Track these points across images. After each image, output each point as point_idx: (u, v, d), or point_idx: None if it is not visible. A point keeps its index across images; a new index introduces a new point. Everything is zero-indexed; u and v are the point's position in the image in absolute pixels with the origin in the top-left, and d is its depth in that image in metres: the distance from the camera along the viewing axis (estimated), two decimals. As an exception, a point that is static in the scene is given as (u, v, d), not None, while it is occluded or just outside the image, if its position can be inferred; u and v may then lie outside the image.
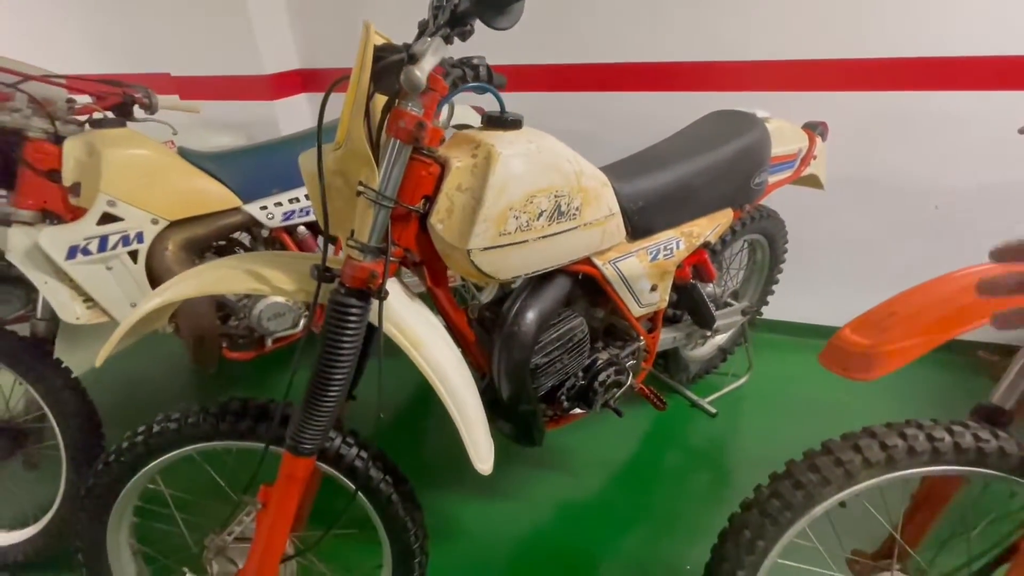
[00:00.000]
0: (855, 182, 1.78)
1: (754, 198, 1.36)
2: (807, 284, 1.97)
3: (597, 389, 1.18)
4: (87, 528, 0.97)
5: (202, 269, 0.88)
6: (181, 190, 1.35)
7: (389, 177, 0.76)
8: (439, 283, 0.97)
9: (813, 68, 1.67)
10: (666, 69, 1.79)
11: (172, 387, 1.96)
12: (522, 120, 0.90)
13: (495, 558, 1.30)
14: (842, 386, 1.77)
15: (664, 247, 1.18)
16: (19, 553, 1.30)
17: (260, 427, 0.91)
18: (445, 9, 0.68)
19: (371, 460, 0.93)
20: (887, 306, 0.76)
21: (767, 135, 1.32)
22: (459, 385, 0.89)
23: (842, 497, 0.79)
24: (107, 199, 1.24)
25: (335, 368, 0.79)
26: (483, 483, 1.49)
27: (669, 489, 1.45)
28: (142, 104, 1.39)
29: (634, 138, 1.91)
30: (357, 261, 0.77)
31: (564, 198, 0.93)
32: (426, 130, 0.74)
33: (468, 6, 0.65)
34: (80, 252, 1.22)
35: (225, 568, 0.95)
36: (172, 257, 1.35)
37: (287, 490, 0.86)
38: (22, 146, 1.20)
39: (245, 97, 2.09)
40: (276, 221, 1.50)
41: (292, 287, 0.82)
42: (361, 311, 0.79)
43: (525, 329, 1.01)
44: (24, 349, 1.23)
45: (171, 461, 0.94)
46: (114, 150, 1.24)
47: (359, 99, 0.72)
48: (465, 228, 0.84)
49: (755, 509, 0.81)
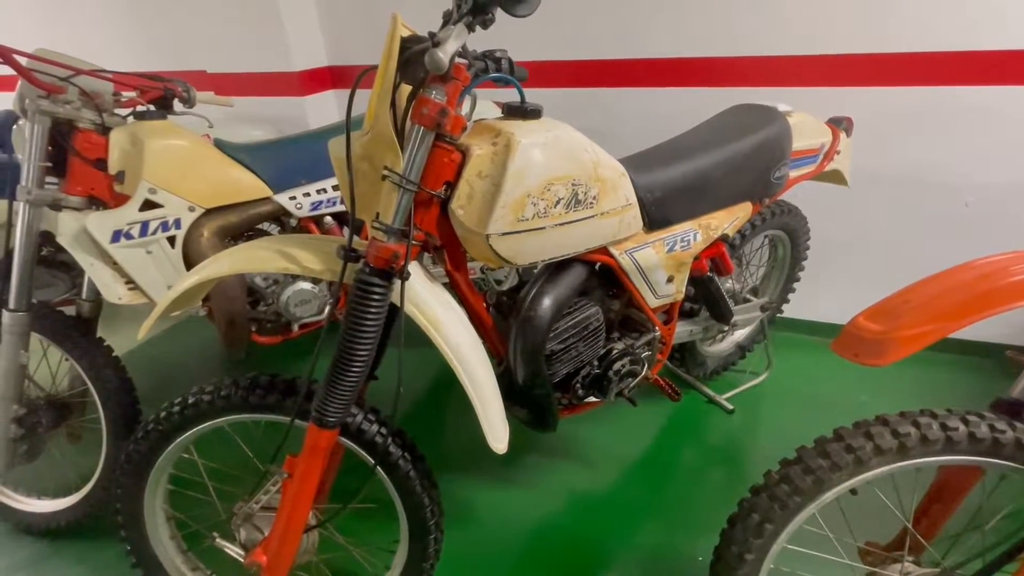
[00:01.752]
0: (882, 179, 1.75)
1: (774, 192, 1.35)
2: (830, 282, 1.95)
3: (612, 378, 1.20)
4: (126, 492, 1.03)
5: (235, 250, 0.93)
6: (216, 179, 1.41)
7: (413, 162, 0.80)
8: (459, 268, 1.00)
9: (840, 63, 1.65)
10: (687, 65, 1.79)
11: (202, 370, 2.04)
12: (541, 110, 0.93)
13: (507, 543, 1.32)
14: (864, 387, 1.74)
15: (681, 239, 1.19)
16: (62, 519, 1.39)
17: (287, 401, 0.95)
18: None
19: (390, 437, 0.97)
20: (902, 294, 0.76)
21: (788, 129, 1.32)
22: (476, 365, 0.92)
23: (852, 484, 0.79)
24: (148, 187, 1.31)
25: (359, 344, 0.83)
26: (497, 470, 1.52)
27: (683, 482, 1.46)
28: (181, 98, 1.47)
29: (654, 134, 1.91)
30: (381, 242, 0.81)
31: (581, 187, 0.95)
32: (448, 117, 0.78)
33: None
34: (123, 236, 1.30)
35: (252, 535, 1.00)
36: (206, 243, 1.42)
37: (311, 460, 0.90)
38: (72, 136, 1.28)
39: (276, 93, 2.17)
40: (304, 211, 1.56)
41: (320, 267, 0.86)
42: (384, 290, 0.83)
43: (541, 314, 1.03)
44: (71, 328, 1.31)
45: (204, 432, 1.00)
46: (156, 140, 1.31)
47: (386, 86, 0.76)
48: (484, 214, 0.87)
49: (764, 493, 0.82)
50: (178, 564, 1.12)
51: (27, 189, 1.22)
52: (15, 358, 1.27)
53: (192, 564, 1.14)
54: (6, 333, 1.25)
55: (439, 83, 0.78)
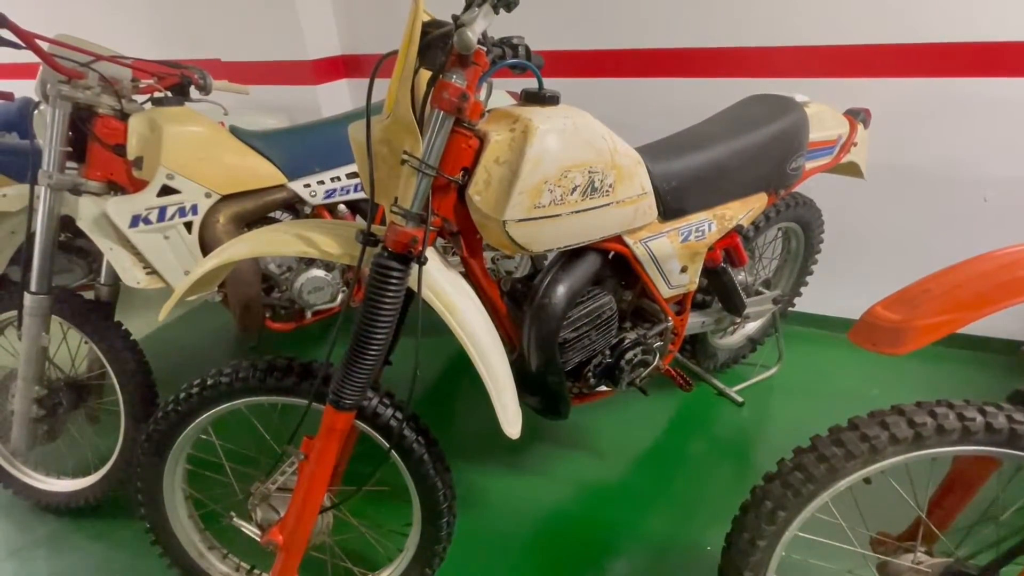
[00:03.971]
0: (899, 171, 1.73)
1: (789, 183, 1.34)
2: (844, 276, 1.93)
3: (623, 367, 1.20)
4: (146, 471, 1.05)
5: (254, 233, 0.94)
6: (233, 166, 1.43)
7: (432, 146, 0.80)
8: (474, 254, 1.01)
9: (859, 53, 1.63)
10: (703, 55, 1.77)
11: (216, 355, 2.07)
12: (559, 97, 0.92)
13: (517, 528, 1.34)
14: (876, 382, 1.73)
15: (696, 229, 1.19)
16: (81, 498, 1.42)
17: (303, 384, 0.97)
18: None
19: (405, 420, 0.98)
20: (922, 284, 0.76)
21: (805, 119, 1.31)
22: (490, 349, 0.93)
23: (867, 473, 0.79)
24: (167, 172, 1.33)
25: (376, 327, 0.84)
26: (507, 456, 1.54)
27: (692, 473, 1.46)
28: (197, 85, 1.48)
29: (669, 124, 1.90)
30: (400, 226, 0.82)
31: (598, 174, 0.95)
32: (468, 102, 0.78)
33: None
34: (142, 221, 1.31)
35: (268, 515, 1.02)
36: (222, 229, 1.43)
37: (328, 442, 0.91)
38: (92, 122, 1.29)
39: (290, 82, 2.17)
40: (318, 198, 1.57)
41: (338, 251, 0.87)
42: (402, 274, 0.84)
43: (555, 302, 1.04)
44: (90, 311, 1.34)
45: (222, 413, 1.02)
46: (174, 127, 1.32)
47: (407, 71, 0.76)
48: (501, 200, 0.88)
49: (777, 480, 0.83)
50: (196, 542, 1.14)
51: (48, 174, 1.24)
52: (36, 340, 1.29)
53: (209, 543, 1.17)
54: (28, 316, 1.27)
55: (459, 68, 0.78)
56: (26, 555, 1.36)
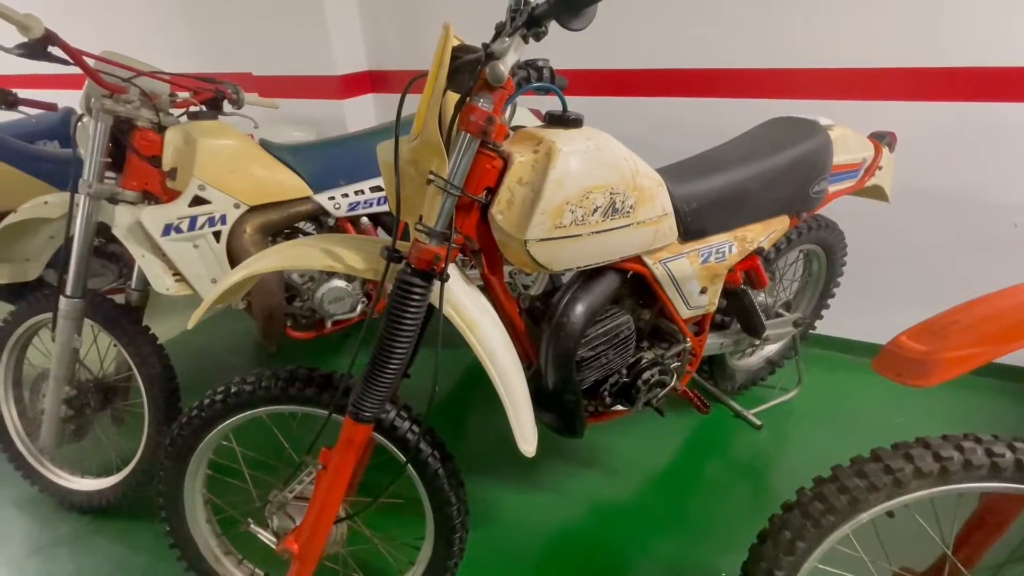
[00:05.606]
0: (925, 196, 1.70)
1: (812, 206, 1.34)
2: (866, 300, 1.90)
3: (640, 387, 1.20)
4: (168, 475, 1.08)
5: (282, 247, 0.97)
6: (261, 178, 1.47)
7: (457, 167, 0.82)
8: (495, 271, 1.02)
9: (884, 76, 1.62)
10: (724, 76, 1.78)
11: (236, 361, 2.11)
12: (582, 119, 0.94)
13: (527, 546, 1.33)
14: (899, 409, 1.69)
15: (716, 250, 1.19)
16: (103, 498, 1.45)
17: (323, 395, 0.99)
18: (523, 12, 0.73)
19: (422, 434, 0.99)
20: (949, 315, 0.75)
21: (829, 143, 1.30)
22: (508, 367, 0.93)
23: (890, 506, 0.78)
24: (198, 183, 1.37)
25: (397, 341, 0.86)
26: (520, 472, 1.53)
27: (707, 496, 1.44)
28: (231, 99, 1.53)
29: (690, 145, 1.90)
30: (424, 244, 0.84)
31: (619, 195, 0.96)
32: (494, 125, 0.80)
33: (545, 9, 0.70)
34: (173, 230, 1.36)
35: (284, 523, 1.03)
36: (249, 239, 1.47)
37: (346, 453, 0.93)
38: (131, 134, 1.35)
39: (317, 96, 2.24)
40: (342, 211, 1.61)
41: (363, 266, 0.89)
42: (424, 290, 0.85)
43: (574, 320, 1.04)
44: (120, 316, 1.38)
45: (244, 420, 1.04)
46: (207, 140, 1.37)
47: (436, 94, 0.78)
48: (523, 219, 0.89)
49: (797, 510, 0.81)
50: (212, 547, 1.16)
51: (88, 183, 1.29)
52: (69, 342, 1.34)
53: (225, 548, 1.18)
54: (62, 318, 1.32)
55: (486, 91, 0.80)
56: (48, 553, 1.39)
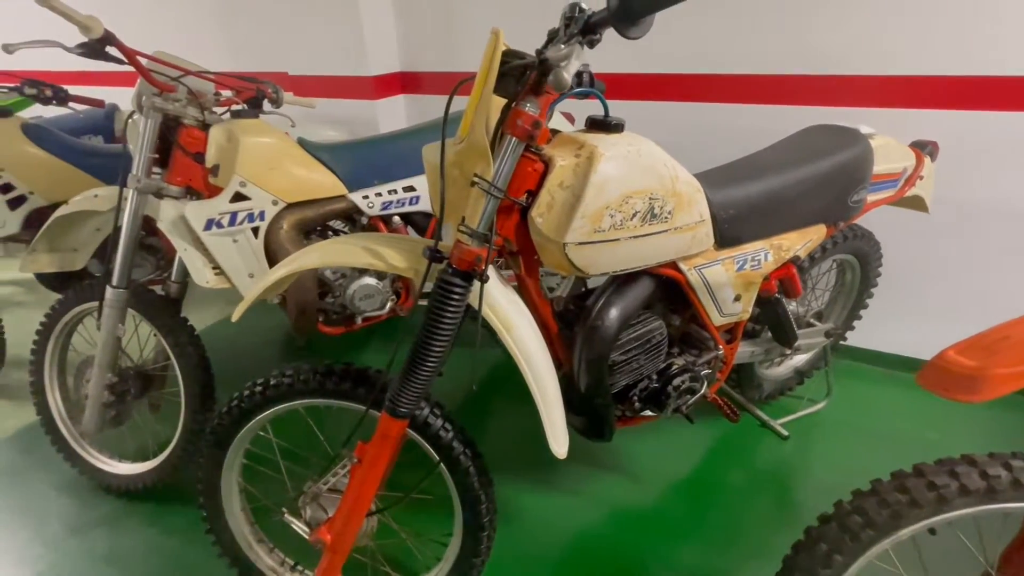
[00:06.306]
0: (966, 207, 1.66)
1: (850, 216, 1.32)
2: (900, 312, 1.86)
3: (670, 393, 1.19)
4: (208, 462, 1.11)
5: (325, 244, 0.99)
6: (299, 176, 1.50)
7: (501, 171, 0.83)
8: (531, 274, 1.03)
9: (926, 84, 1.58)
10: (766, 81, 1.76)
11: (265, 353, 2.16)
12: (624, 124, 0.94)
13: (548, 548, 1.33)
14: (932, 424, 1.65)
15: (752, 258, 1.18)
16: (139, 482, 1.50)
17: (359, 389, 1.01)
18: (579, 19, 0.74)
19: (454, 432, 1.01)
20: (1000, 330, 0.73)
21: (870, 152, 1.28)
22: (543, 370, 0.94)
23: (932, 523, 0.76)
24: (240, 180, 1.41)
25: (436, 339, 0.87)
26: (542, 473, 1.54)
27: (731, 505, 1.43)
28: (270, 98, 1.57)
29: (727, 151, 1.89)
30: (466, 245, 0.85)
31: (658, 201, 0.96)
32: (540, 129, 0.81)
33: (604, 16, 0.71)
34: (215, 225, 1.40)
35: (317, 514, 1.05)
36: (285, 235, 1.51)
37: (381, 448, 0.95)
38: (178, 131, 1.39)
39: (350, 96, 2.27)
40: (375, 210, 1.63)
41: (404, 264, 0.91)
42: (464, 290, 0.86)
43: (608, 325, 1.04)
44: (161, 306, 1.43)
45: (281, 412, 1.07)
46: (249, 138, 1.41)
47: (484, 99, 0.79)
48: (563, 223, 0.90)
49: (834, 523, 0.80)
50: (246, 534, 1.19)
51: (137, 178, 1.34)
52: (113, 331, 1.39)
53: (257, 535, 1.21)
54: (107, 307, 1.37)
55: (532, 96, 0.81)
56: (85, 533, 1.44)
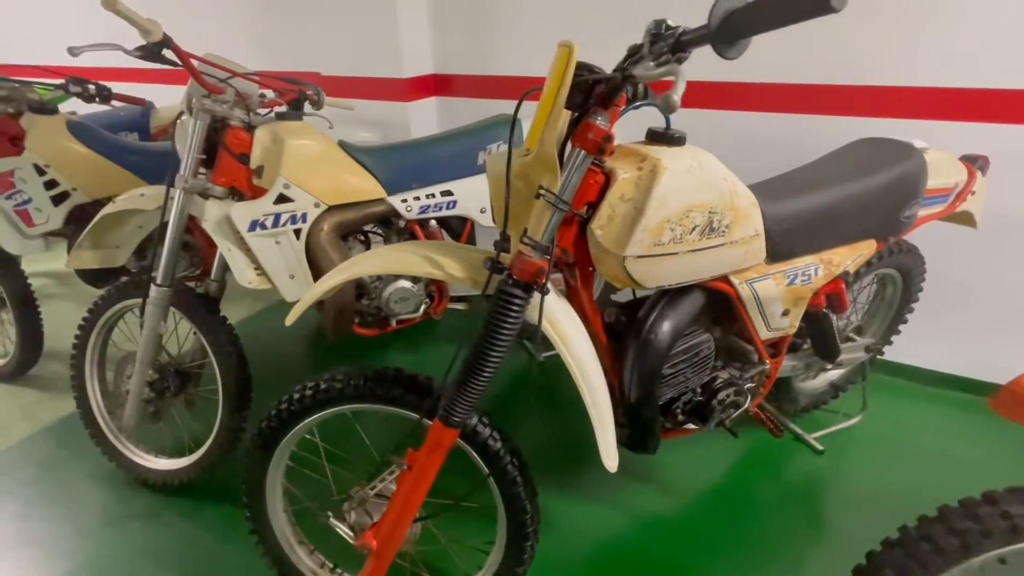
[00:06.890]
0: (1014, 223, 1.62)
1: (901, 231, 1.29)
2: (941, 328, 1.82)
3: (715, 407, 1.18)
4: (254, 463, 1.12)
5: (383, 250, 0.99)
6: (341, 179, 1.51)
7: (568, 183, 0.83)
8: (586, 285, 1.03)
9: (980, 97, 1.55)
10: (814, 91, 1.72)
11: (294, 351, 2.17)
12: (685, 137, 0.93)
13: (582, 558, 1.32)
14: (971, 444, 1.63)
15: (802, 272, 1.16)
16: (175, 478, 1.52)
17: (409, 396, 1.01)
18: (667, 37, 0.73)
19: (505, 443, 1.00)
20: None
21: (924, 167, 1.26)
22: (597, 383, 0.94)
23: (1003, 553, 0.75)
24: (284, 182, 1.42)
25: (494, 350, 0.87)
26: (577, 482, 1.53)
27: (765, 520, 1.41)
28: (311, 100, 1.58)
29: (773, 161, 1.85)
30: (528, 257, 0.85)
31: (717, 215, 0.95)
32: (611, 143, 0.80)
33: (701, 35, 0.69)
34: (259, 226, 1.41)
35: (362, 519, 1.06)
36: (326, 238, 1.52)
37: (432, 455, 0.95)
38: (224, 133, 1.40)
39: (383, 97, 2.28)
40: (413, 213, 1.64)
41: (463, 275, 0.91)
42: (523, 302, 0.86)
43: (660, 338, 1.04)
44: (201, 305, 1.44)
45: (329, 416, 1.07)
46: (293, 140, 1.42)
47: (555, 111, 0.79)
48: (623, 236, 0.89)
49: (900, 549, 0.79)
50: (288, 535, 1.19)
51: (184, 178, 1.35)
52: (156, 328, 1.40)
53: (298, 537, 1.22)
54: (151, 305, 1.39)
55: (602, 109, 0.80)
56: (121, 526, 1.46)
